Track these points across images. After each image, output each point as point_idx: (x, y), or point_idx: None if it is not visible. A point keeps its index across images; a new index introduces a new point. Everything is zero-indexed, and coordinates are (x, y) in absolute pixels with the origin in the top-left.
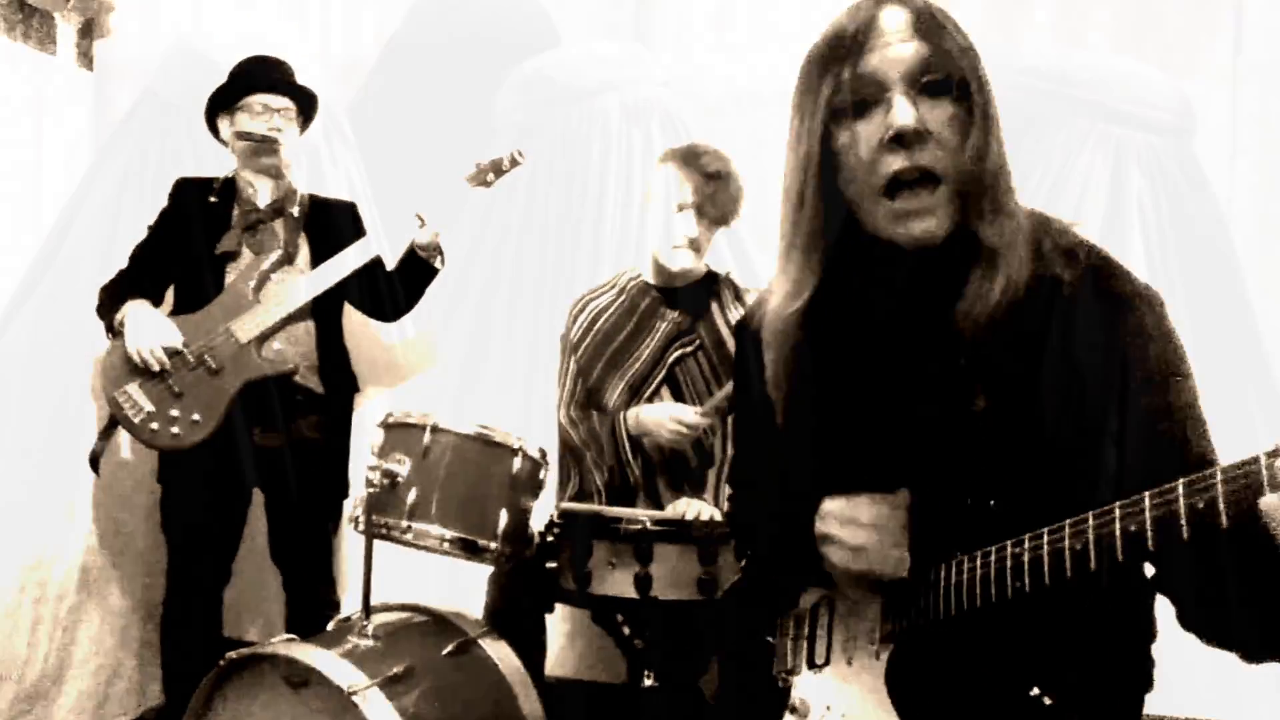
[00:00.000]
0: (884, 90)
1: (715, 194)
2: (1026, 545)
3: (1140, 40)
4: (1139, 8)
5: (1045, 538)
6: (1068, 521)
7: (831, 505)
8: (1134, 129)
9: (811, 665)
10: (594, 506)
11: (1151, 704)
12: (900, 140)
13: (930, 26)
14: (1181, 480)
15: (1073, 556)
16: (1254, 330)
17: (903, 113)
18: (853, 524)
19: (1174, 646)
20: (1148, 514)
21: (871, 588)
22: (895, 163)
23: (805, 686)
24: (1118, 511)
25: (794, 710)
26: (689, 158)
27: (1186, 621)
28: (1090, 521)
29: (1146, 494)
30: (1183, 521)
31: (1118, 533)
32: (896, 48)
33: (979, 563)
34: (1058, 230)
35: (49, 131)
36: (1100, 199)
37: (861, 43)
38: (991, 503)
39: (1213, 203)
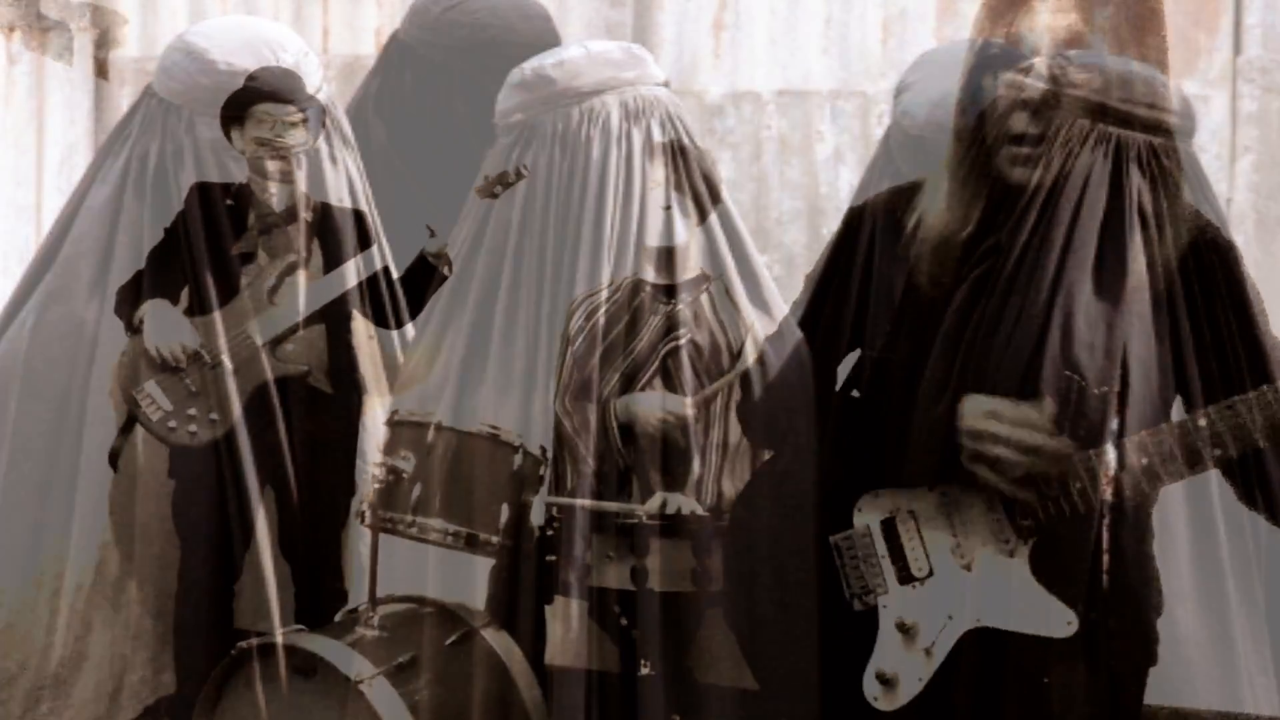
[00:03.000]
0: (1033, 54)
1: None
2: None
3: (1140, 40)
4: (1139, 8)
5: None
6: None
7: (994, 405)
8: (1134, 129)
9: (906, 580)
10: (590, 501)
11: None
12: (1028, 105)
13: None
14: None
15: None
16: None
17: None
18: (1027, 426)
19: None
20: None
21: (1023, 485)
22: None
23: (905, 603)
24: None
25: (904, 630)
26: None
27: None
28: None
29: None
30: None
31: None
32: (1054, 16)
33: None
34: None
35: (56, 137)
36: (1100, 199)
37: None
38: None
39: (1213, 203)
